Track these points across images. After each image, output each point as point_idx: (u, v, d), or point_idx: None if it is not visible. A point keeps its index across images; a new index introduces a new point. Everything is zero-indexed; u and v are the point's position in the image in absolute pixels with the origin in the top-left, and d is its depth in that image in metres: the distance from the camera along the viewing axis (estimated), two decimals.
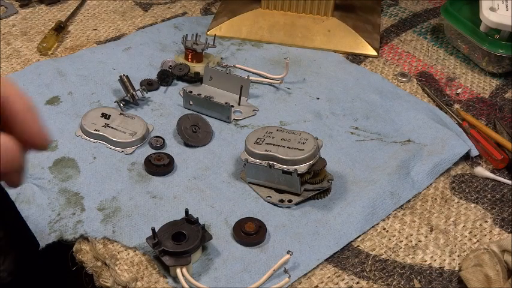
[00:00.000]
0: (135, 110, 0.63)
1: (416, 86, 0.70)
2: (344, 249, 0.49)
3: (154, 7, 0.83)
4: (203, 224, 0.47)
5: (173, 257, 0.45)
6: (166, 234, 0.46)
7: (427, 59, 0.75)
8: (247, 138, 0.53)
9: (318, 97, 0.66)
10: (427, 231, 0.52)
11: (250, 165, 0.52)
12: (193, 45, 0.67)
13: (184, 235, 0.46)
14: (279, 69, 0.70)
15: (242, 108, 0.64)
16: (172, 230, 0.46)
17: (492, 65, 0.71)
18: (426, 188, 0.56)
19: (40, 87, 0.65)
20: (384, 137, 0.61)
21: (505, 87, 0.71)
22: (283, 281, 0.45)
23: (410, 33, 0.80)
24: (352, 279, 0.47)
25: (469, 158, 0.60)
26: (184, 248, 0.45)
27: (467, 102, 0.68)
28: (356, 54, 0.74)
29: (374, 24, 0.79)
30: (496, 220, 0.53)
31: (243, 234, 0.49)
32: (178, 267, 0.44)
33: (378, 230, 0.52)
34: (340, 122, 0.63)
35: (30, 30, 0.76)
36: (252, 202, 0.53)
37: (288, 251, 0.46)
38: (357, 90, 0.68)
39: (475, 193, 0.56)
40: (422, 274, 0.48)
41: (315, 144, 0.51)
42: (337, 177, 0.55)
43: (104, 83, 0.66)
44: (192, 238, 0.46)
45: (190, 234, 0.46)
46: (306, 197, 0.53)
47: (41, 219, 0.50)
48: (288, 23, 0.76)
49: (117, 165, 0.56)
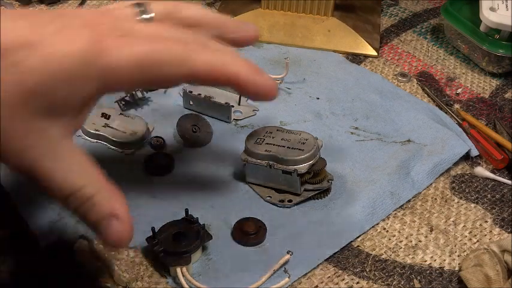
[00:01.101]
0: (135, 110, 0.63)
1: (416, 86, 0.70)
2: (344, 249, 0.49)
3: None
4: (203, 224, 0.48)
5: (173, 257, 0.45)
6: (166, 234, 0.46)
7: (427, 59, 0.75)
8: (247, 138, 0.53)
9: (318, 97, 0.66)
10: (427, 231, 0.52)
11: (250, 165, 0.52)
12: None
13: (184, 235, 0.46)
14: (279, 69, 0.70)
15: (242, 108, 0.64)
16: (172, 230, 0.46)
17: (492, 65, 0.71)
18: (426, 188, 0.56)
19: None
20: (384, 137, 0.61)
21: (505, 87, 0.71)
22: (283, 281, 0.45)
23: (410, 33, 0.80)
24: (352, 279, 0.47)
25: (469, 158, 0.60)
26: (184, 248, 0.45)
27: (467, 102, 0.68)
28: (356, 54, 0.74)
29: (374, 24, 0.79)
30: (496, 220, 0.53)
31: (243, 234, 0.49)
32: (178, 267, 0.44)
33: (378, 230, 0.52)
34: (340, 122, 0.63)
35: None
36: (252, 202, 0.53)
37: (288, 251, 0.46)
38: (357, 90, 0.68)
39: (475, 193, 0.56)
40: (422, 274, 0.48)
41: (315, 144, 0.51)
42: (337, 177, 0.55)
43: None
44: (192, 238, 0.46)
45: (190, 234, 0.46)
46: (306, 197, 0.53)
47: (41, 219, 0.50)
48: (288, 23, 0.76)
49: (117, 165, 0.56)
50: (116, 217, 0.34)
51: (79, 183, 0.33)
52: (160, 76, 0.35)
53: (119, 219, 0.34)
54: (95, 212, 0.34)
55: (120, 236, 0.35)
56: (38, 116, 0.31)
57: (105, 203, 0.34)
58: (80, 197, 0.33)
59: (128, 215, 0.35)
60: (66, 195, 0.33)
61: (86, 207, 0.33)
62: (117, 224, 0.34)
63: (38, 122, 0.31)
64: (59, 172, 0.32)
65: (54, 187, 0.32)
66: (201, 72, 0.36)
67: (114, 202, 0.34)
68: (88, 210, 0.34)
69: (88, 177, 0.34)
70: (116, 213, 0.34)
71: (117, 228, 0.34)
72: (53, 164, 0.32)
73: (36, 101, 0.30)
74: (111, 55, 0.33)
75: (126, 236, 0.35)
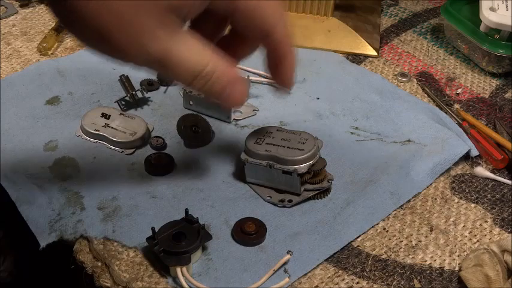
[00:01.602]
0: (135, 110, 0.63)
1: (416, 86, 0.70)
2: (344, 249, 0.49)
3: None
4: (203, 224, 0.48)
5: (173, 256, 0.45)
6: (166, 234, 0.46)
7: (427, 59, 0.75)
8: (247, 138, 0.53)
9: (318, 97, 0.66)
10: (427, 231, 0.52)
11: (250, 165, 0.52)
12: None
13: (185, 235, 0.46)
14: None
15: (242, 108, 0.64)
16: (173, 230, 0.46)
17: (492, 65, 0.71)
18: (426, 188, 0.56)
19: (40, 87, 0.65)
20: (384, 137, 0.61)
21: (505, 87, 0.71)
22: (283, 281, 0.45)
23: (410, 33, 0.80)
24: (352, 279, 0.47)
25: (469, 158, 0.60)
26: (184, 248, 0.45)
27: (467, 102, 0.68)
28: (356, 54, 0.74)
29: (374, 24, 0.79)
30: (496, 220, 0.53)
31: (243, 234, 0.49)
32: (178, 267, 0.44)
33: (378, 230, 0.52)
34: (340, 122, 0.63)
35: (30, 30, 0.76)
36: (252, 202, 0.53)
37: (288, 251, 0.46)
38: (357, 90, 0.68)
39: (475, 193, 0.56)
40: (422, 274, 0.48)
41: (315, 144, 0.51)
42: (337, 177, 0.55)
43: (104, 83, 0.66)
44: (192, 238, 0.46)
45: (190, 234, 0.46)
46: (306, 197, 0.53)
47: (41, 219, 0.50)
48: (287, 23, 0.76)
49: (117, 165, 0.56)
50: (234, 82, 0.41)
51: (202, 63, 0.39)
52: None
53: (237, 83, 0.42)
54: (218, 83, 0.40)
55: (242, 95, 0.43)
56: (171, 15, 0.37)
57: (225, 74, 0.40)
58: (204, 76, 0.39)
59: (240, 77, 0.42)
60: (194, 76, 0.39)
61: (210, 82, 0.40)
62: (237, 86, 0.42)
63: (170, 20, 0.37)
64: (186, 55, 0.38)
65: (182, 70, 0.39)
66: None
67: (230, 71, 0.41)
68: (212, 84, 0.40)
69: (207, 56, 0.39)
70: (234, 79, 0.41)
71: (238, 90, 0.42)
72: (181, 50, 0.38)
73: (172, 8, 0.36)
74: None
75: (245, 93, 0.43)
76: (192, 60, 0.39)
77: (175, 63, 0.38)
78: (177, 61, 0.38)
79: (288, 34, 0.43)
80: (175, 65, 0.38)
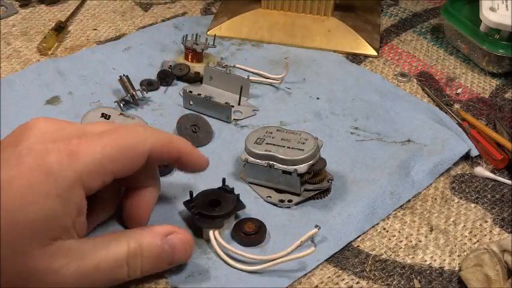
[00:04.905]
0: (135, 110, 0.63)
1: (416, 86, 0.70)
2: (344, 249, 0.49)
3: (154, 7, 0.83)
4: (238, 194, 0.50)
5: (207, 220, 0.47)
6: (203, 200, 0.49)
7: (427, 59, 0.75)
8: (247, 138, 0.53)
9: (318, 97, 0.66)
10: (427, 231, 0.52)
11: (250, 165, 0.52)
12: (193, 45, 0.67)
13: (220, 202, 0.49)
14: (279, 69, 0.70)
15: (242, 108, 0.64)
16: (209, 196, 0.49)
17: (492, 65, 0.71)
18: (426, 188, 0.56)
19: (40, 87, 0.65)
20: (384, 137, 0.61)
21: (505, 87, 0.71)
22: (309, 249, 0.45)
23: (410, 33, 0.80)
24: (352, 279, 0.47)
25: (469, 158, 0.60)
26: (219, 213, 0.48)
27: (467, 102, 0.68)
28: (356, 54, 0.74)
29: (374, 24, 0.79)
30: (496, 220, 0.53)
31: (243, 234, 0.49)
32: (211, 230, 0.47)
33: (378, 230, 0.52)
34: (340, 122, 0.63)
35: (30, 30, 0.76)
36: (252, 202, 0.53)
37: (316, 225, 0.46)
38: (357, 90, 0.68)
39: (475, 193, 0.56)
40: (422, 274, 0.48)
41: (315, 144, 0.51)
42: (337, 177, 0.55)
43: (104, 83, 0.66)
44: (227, 205, 0.48)
45: (225, 202, 0.49)
46: (306, 197, 0.53)
47: None
48: (288, 23, 0.76)
49: None
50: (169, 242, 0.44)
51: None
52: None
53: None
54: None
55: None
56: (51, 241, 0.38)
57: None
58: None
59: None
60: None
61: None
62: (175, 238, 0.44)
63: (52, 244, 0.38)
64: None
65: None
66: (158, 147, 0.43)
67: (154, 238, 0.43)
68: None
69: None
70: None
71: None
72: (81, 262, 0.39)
73: (44, 233, 0.37)
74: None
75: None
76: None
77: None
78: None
79: (182, 140, 0.46)
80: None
